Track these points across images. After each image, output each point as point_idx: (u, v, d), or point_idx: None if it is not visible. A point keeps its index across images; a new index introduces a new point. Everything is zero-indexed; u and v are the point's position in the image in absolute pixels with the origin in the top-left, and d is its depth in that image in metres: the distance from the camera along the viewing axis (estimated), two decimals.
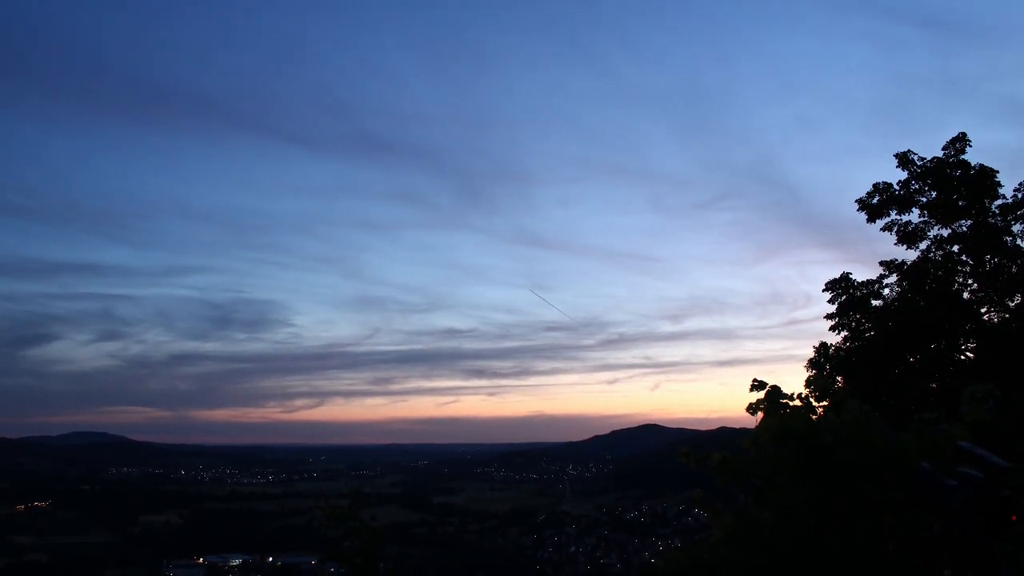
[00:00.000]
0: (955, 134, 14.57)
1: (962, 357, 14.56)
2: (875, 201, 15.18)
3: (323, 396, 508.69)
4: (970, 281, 14.90)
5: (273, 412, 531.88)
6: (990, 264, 14.60)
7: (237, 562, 79.41)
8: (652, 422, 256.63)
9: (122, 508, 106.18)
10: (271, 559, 79.73)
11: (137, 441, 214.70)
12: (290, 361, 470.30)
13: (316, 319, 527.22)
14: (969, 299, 14.83)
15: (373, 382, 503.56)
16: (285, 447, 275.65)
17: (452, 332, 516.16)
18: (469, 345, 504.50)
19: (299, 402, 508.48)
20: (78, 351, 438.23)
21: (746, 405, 5.03)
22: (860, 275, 15.89)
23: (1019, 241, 14.48)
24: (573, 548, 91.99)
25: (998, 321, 14.50)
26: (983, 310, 14.79)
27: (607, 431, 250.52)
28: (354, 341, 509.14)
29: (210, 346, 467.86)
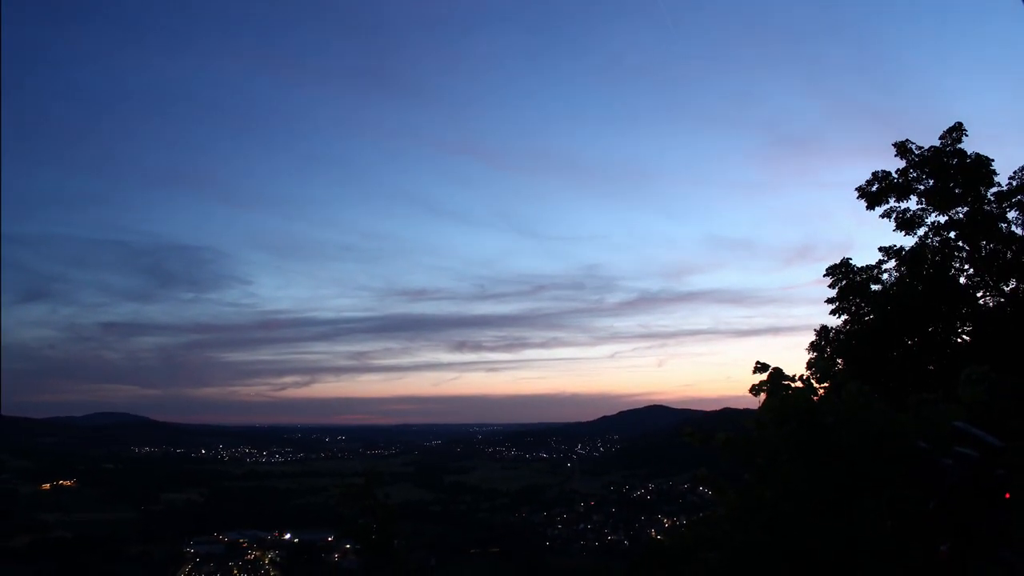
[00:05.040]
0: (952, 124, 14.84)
1: (959, 340, 14.78)
2: (874, 189, 15.49)
3: (311, 372, 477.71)
4: (966, 266, 15.19)
5: (265, 390, 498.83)
6: (986, 250, 14.85)
7: (256, 539, 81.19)
8: (658, 403, 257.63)
9: (145, 486, 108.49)
10: (289, 536, 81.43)
11: (159, 421, 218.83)
12: (256, 331, 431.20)
13: (249, 265, 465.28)
14: (965, 284, 15.13)
15: (353, 356, 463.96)
16: (301, 427, 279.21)
17: (422, 293, 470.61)
18: (445, 310, 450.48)
19: (287, 379, 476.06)
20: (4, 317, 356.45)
21: (749, 386, 5.14)
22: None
23: (1014, 227, 14.76)
24: (582, 525, 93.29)
25: (993, 305, 14.80)
26: (979, 295, 15.10)
27: (614, 412, 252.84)
28: (315, 305, 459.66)
29: (155, 310, 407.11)
